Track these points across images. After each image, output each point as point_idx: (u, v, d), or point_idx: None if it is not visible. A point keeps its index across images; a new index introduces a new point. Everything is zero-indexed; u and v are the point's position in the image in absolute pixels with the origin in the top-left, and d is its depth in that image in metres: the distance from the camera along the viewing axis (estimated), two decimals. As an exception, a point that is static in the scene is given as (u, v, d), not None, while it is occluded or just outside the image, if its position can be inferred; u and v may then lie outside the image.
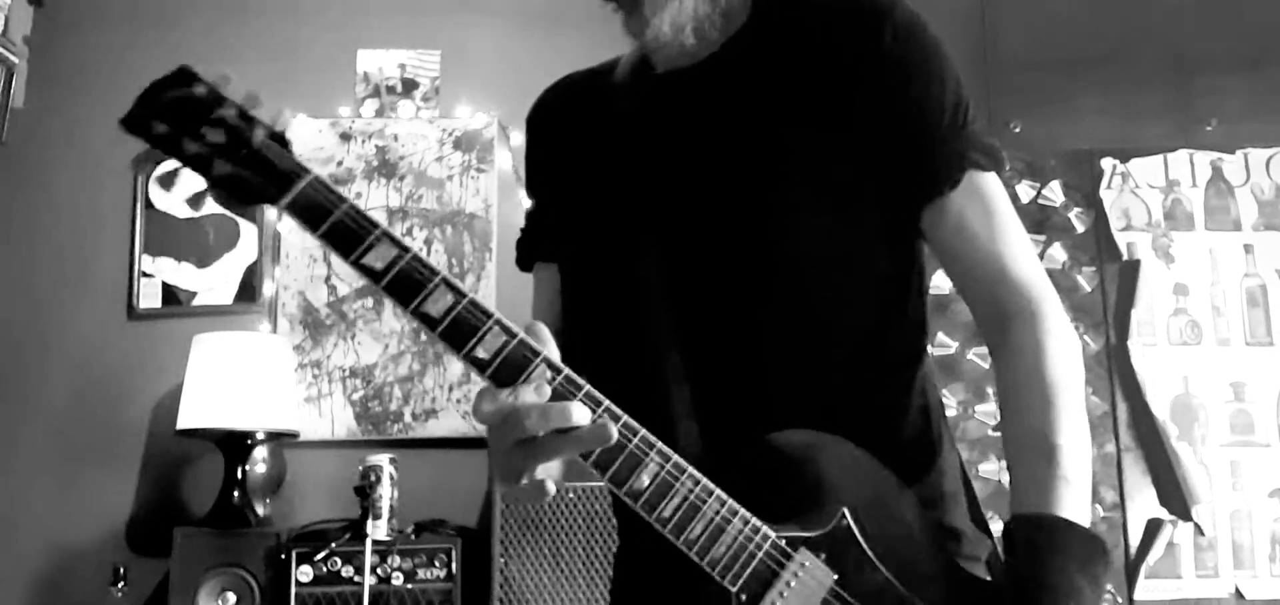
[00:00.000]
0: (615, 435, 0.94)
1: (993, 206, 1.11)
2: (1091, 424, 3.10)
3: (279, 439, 3.05)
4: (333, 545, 2.65)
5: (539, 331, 0.99)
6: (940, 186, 1.10)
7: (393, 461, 2.71)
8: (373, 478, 2.67)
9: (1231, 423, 3.21)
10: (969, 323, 3.20)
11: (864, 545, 0.99)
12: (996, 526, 1.12)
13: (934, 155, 1.10)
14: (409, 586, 2.66)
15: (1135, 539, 3.14)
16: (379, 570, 2.65)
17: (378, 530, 2.64)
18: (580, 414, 0.93)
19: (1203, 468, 3.17)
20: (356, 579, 2.63)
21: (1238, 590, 3.12)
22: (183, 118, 1.01)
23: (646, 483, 0.96)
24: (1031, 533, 1.00)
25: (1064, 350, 1.08)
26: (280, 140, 1.02)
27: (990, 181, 1.12)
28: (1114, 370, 3.22)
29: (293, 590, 2.64)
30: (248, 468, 2.93)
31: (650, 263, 1.13)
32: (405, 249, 0.98)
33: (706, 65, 1.17)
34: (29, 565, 3.06)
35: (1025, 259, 1.11)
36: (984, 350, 1.19)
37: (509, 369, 0.96)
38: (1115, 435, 3.19)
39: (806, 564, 0.98)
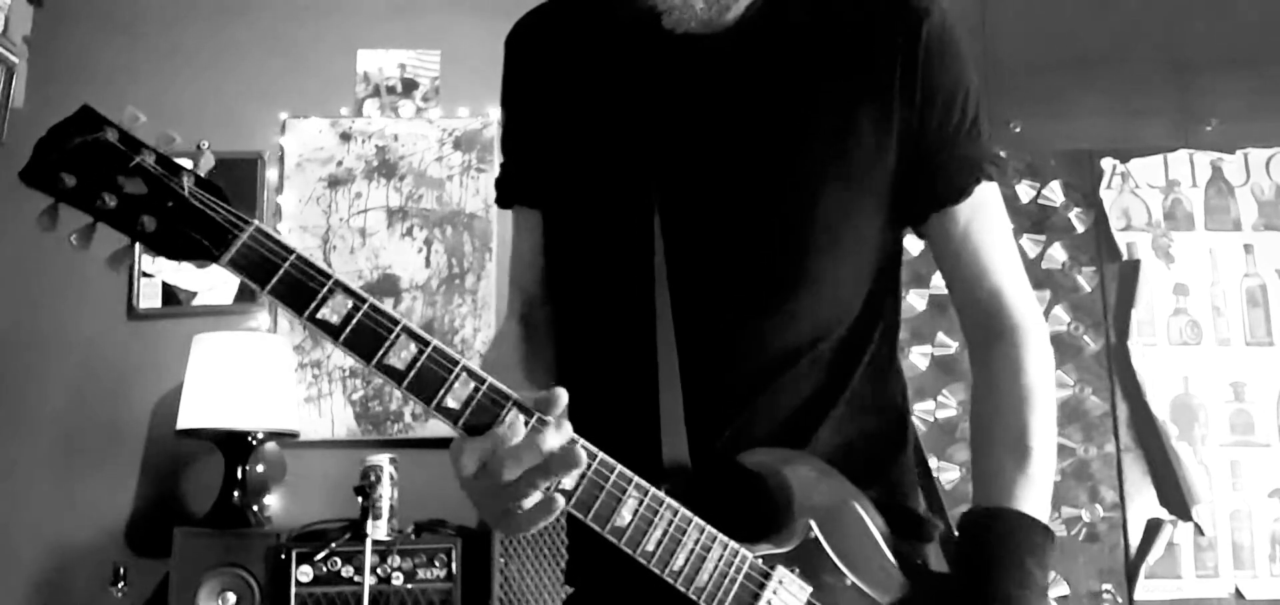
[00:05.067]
0: (584, 459, 0.93)
1: (994, 222, 1.14)
2: (1091, 424, 3.16)
3: (279, 439, 3.05)
4: (333, 545, 2.64)
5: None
6: (955, 196, 1.12)
7: (393, 461, 2.71)
8: (373, 478, 2.67)
9: (1231, 423, 3.21)
10: (969, 323, 3.22)
11: (831, 555, 1.02)
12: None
13: (952, 163, 1.12)
14: (409, 586, 2.66)
15: (1135, 539, 3.14)
16: (379, 570, 2.65)
17: (378, 530, 2.64)
18: (552, 440, 0.92)
19: (1203, 468, 3.17)
20: (356, 579, 2.63)
21: (1238, 590, 3.12)
22: (94, 167, 0.91)
23: (628, 519, 0.96)
24: (987, 523, 1.05)
25: (1046, 370, 1.12)
26: (211, 188, 0.93)
27: (993, 192, 1.14)
28: (1114, 370, 3.22)
29: (293, 590, 2.63)
30: (248, 468, 2.93)
31: (653, 237, 1.09)
32: (362, 298, 0.93)
33: (728, 35, 1.13)
34: (29, 565, 3.06)
35: (1020, 279, 1.15)
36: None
37: (481, 416, 0.92)
38: (1115, 435, 3.19)
39: (784, 581, 1.01)
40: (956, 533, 1.08)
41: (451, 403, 0.92)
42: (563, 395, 0.94)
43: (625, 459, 0.99)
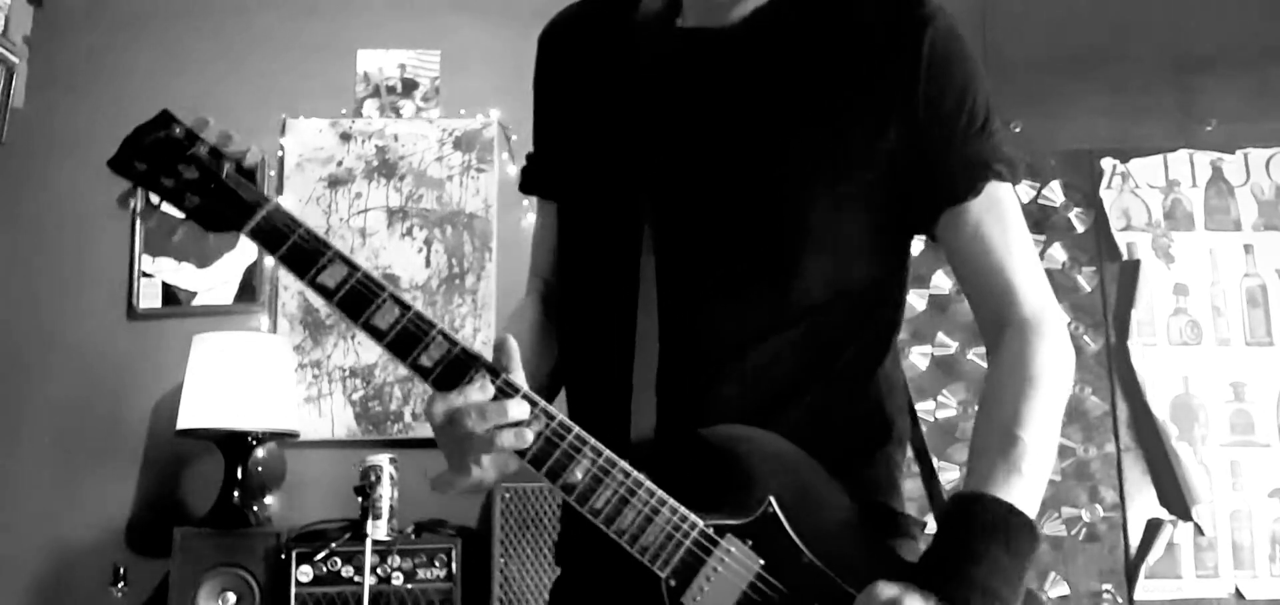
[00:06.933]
0: (530, 439, 1.02)
1: (1008, 219, 1.14)
2: (1091, 424, 3.16)
3: (279, 439, 3.05)
4: (333, 545, 2.65)
5: (505, 345, 1.05)
6: (962, 194, 1.12)
7: (393, 461, 2.72)
8: (373, 478, 2.68)
9: (1231, 423, 3.21)
10: (969, 324, 3.21)
11: (790, 532, 1.03)
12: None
13: (959, 162, 1.12)
14: (409, 586, 2.66)
15: (1135, 539, 3.14)
16: (379, 570, 2.65)
17: (378, 530, 2.65)
18: (517, 410, 1.02)
19: (1203, 468, 3.17)
20: (356, 579, 2.63)
21: (1238, 590, 3.12)
22: (161, 157, 1.13)
23: (579, 477, 1.03)
24: (963, 507, 1.04)
25: (1054, 361, 1.10)
26: (248, 174, 1.14)
27: (1007, 192, 1.14)
28: (1114, 370, 3.22)
29: (293, 590, 2.64)
30: (248, 468, 2.93)
31: (644, 223, 1.14)
32: (355, 267, 1.08)
33: (738, 29, 1.16)
34: (29, 565, 3.06)
35: (1034, 275, 1.14)
36: (984, 350, 1.21)
37: (451, 374, 1.04)
38: (1115, 435, 3.19)
39: (732, 550, 1.02)
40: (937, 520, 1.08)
41: (425, 361, 1.04)
42: (512, 344, 1.06)
43: (599, 427, 1.05)
